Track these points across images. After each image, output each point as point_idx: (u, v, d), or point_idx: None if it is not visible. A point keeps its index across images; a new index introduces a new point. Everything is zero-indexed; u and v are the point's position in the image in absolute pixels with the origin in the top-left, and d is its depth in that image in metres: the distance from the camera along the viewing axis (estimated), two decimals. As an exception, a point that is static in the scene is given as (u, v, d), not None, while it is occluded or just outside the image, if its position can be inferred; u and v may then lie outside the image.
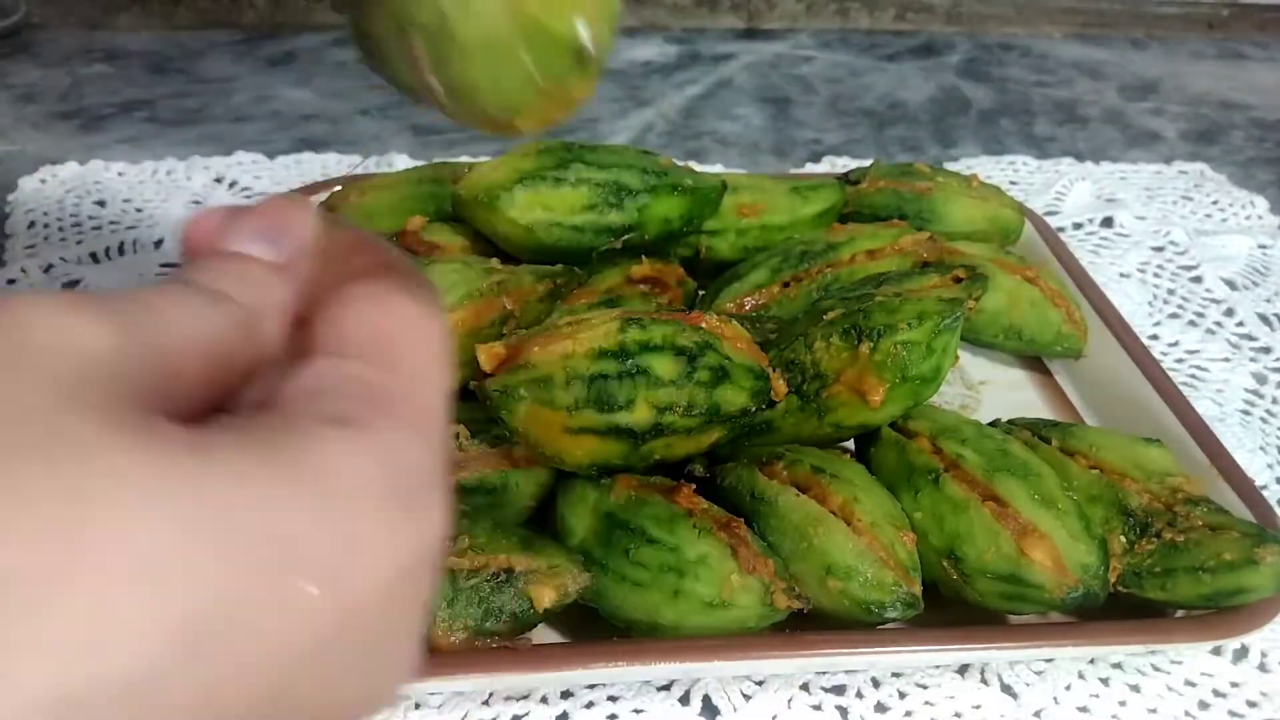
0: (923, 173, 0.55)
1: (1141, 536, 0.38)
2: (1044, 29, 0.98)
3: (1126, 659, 0.38)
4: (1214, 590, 0.36)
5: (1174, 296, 0.59)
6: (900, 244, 0.49)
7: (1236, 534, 0.37)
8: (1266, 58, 0.95)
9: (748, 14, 0.95)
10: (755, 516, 0.37)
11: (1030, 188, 0.70)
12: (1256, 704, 0.37)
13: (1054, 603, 0.36)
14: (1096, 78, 0.89)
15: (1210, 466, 0.42)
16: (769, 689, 0.36)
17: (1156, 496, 0.39)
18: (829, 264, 0.48)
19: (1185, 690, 0.37)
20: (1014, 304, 0.50)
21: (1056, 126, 0.80)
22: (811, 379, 0.40)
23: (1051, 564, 0.35)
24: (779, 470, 0.38)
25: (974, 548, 0.36)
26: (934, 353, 0.39)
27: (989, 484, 0.37)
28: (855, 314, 0.39)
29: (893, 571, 0.35)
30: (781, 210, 0.52)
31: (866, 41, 0.94)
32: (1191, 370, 0.54)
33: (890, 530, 0.36)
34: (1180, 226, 0.65)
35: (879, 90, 0.85)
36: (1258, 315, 0.58)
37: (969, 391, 0.51)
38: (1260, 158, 0.77)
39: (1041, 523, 0.36)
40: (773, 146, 0.75)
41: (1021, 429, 0.42)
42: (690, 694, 0.36)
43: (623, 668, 0.34)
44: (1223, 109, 0.84)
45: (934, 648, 0.35)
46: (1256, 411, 0.51)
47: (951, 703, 0.36)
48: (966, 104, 0.83)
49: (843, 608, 0.35)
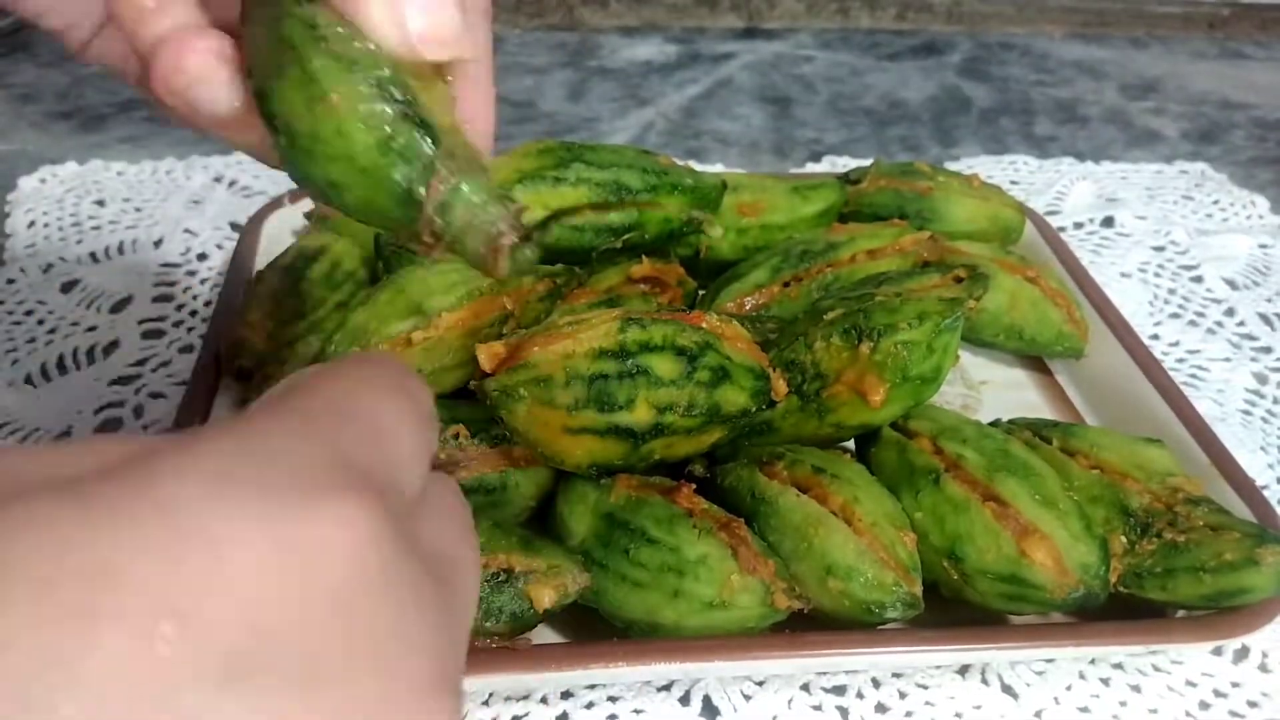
0: (923, 172, 0.55)
1: (1142, 537, 0.38)
2: (1044, 28, 0.98)
3: (1127, 659, 0.38)
4: (1215, 590, 0.36)
5: (1175, 296, 0.59)
6: (901, 244, 0.49)
7: (1237, 534, 0.36)
8: (1267, 57, 0.95)
9: (748, 13, 0.95)
10: (755, 517, 0.37)
11: (1031, 187, 0.70)
12: (1257, 704, 0.37)
13: (1055, 603, 0.36)
14: (1097, 77, 0.89)
15: (1211, 466, 0.42)
16: (769, 689, 0.36)
17: (1157, 497, 0.39)
18: (829, 264, 0.48)
19: (1186, 690, 0.37)
20: (1015, 304, 0.50)
21: (1057, 126, 0.80)
22: (812, 379, 0.40)
23: (1052, 564, 0.35)
24: (779, 470, 0.38)
25: (974, 548, 0.36)
26: (934, 352, 0.39)
27: (990, 484, 0.37)
28: (856, 314, 0.39)
29: (893, 572, 0.35)
30: (782, 210, 0.52)
31: (867, 41, 0.94)
32: (1192, 370, 0.54)
33: (891, 530, 0.36)
34: (1181, 226, 0.65)
35: (879, 90, 0.85)
36: (1258, 315, 0.58)
37: (970, 391, 0.51)
38: (1261, 157, 0.77)
39: (1042, 523, 0.36)
40: (773, 146, 0.75)
41: (1022, 429, 0.42)
42: (690, 694, 0.36)
43: (623, 668, 0.33)
44: (1223, 108, 0.84)
45: (934, 648, 0.35)
46: (1257, 411, 0.51)
47: (952, 703, 0.36)
48: (967, 103, 0.83)
49: (843, 608, 0.35)
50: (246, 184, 0.64)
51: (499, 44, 0.88)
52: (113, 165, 0.65)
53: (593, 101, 0.80)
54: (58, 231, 0.59)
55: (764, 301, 0.47)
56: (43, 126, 0.71)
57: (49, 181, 0.63)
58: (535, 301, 0.44)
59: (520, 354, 0.35)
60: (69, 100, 0.74)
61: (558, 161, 0.45)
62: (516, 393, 0.35)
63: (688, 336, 0.36)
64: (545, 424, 0.35)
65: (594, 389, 0.35)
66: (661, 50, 0.89)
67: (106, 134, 0.70)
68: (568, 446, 0.36)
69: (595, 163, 0.46)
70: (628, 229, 0.46)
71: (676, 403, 0.36)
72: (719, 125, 0.77)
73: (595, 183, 0.46)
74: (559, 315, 0.43)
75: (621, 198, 0.46)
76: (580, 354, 0.35)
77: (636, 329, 0.36)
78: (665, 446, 0.37)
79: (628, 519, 0.36)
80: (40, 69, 0.79)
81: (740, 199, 0.51)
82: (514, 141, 0.50)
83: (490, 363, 0.36)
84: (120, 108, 0.74)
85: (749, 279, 0.48)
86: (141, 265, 0.56)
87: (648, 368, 0.35)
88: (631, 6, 0.93)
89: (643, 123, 0.77)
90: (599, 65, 0.86)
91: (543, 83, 0.83)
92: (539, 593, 0.34)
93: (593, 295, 0.46)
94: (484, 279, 0.42)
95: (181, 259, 0.57)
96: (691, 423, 0.36)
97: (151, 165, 0.65)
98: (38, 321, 0.52)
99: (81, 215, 0.60)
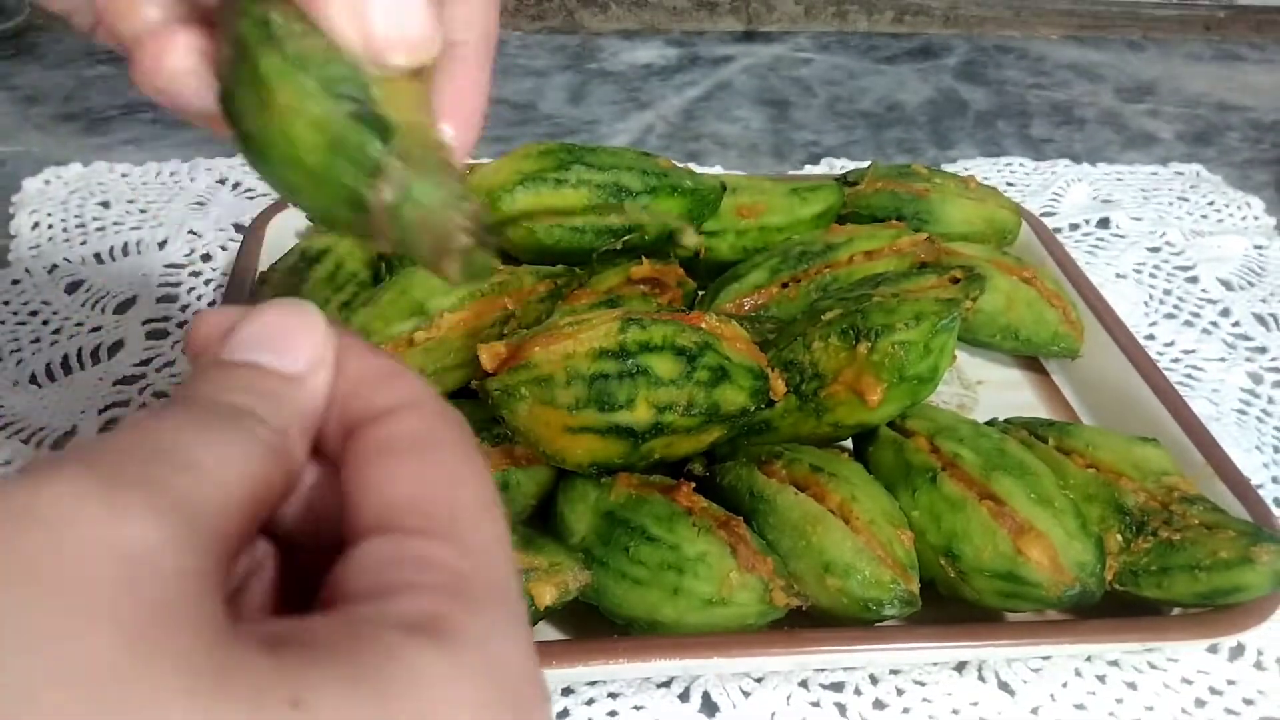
0: (920, 174, 0.55)
1: (1138, 535, 0.38)
2: (1041, 31, 0.98)
3: (1123, 656, 0.38)
4: (1210, 588, 0.36)
5: (1170, 297, 0.60)
6: (898, 245, 0.50)
7: (1232, 532, 0.37)
8: (1263, 59, 0.95)
9: (747, 17, 0.96)
10: (754, 515, 0.37)
11: (1027, 189, 0.70)
12: (1253, 701, 0.37)
13: (1051, 601, 0.36)
14: (1093, 79, 0.90)
15: (1206, 465, 0.42)
16: (768, 686, 0.36)
17: (1153, 495, 0.39)
18: (827, 264, 0.48)
19: (1181, 688, 0.38)
20: (1011, 304, 0.50)
21: (1053, 128, 0.81)
22: (810, 379, 0.40)
23: (1048, 562, 0.36)
24: (778, 469, 0.38)
25: (971, 546, 0.36)
26: (931, 352, 0.39)
27: (986, 483, 0.37)
28: (853, 314, 0.40)
29: (890, 569, 0.35)
30: (780, 211, 0.52)
31: (864, 44, 0.94)
32: (1187, 370, 0.54)
33: (888, 528, 0.36)
34: (1176, 227, 0.66)
35: (877, 92, 0.85)
36: (1253, 315, 0.58)
37: (966, 391, 0.51)
38: (1256, 159, 0.77)
39: (1038, 521, 0.36)
40: (771, 148, 0.75)
41: (1018, 428, 0.43)
42: (690, 691, 0.36)
43: (623, 665, 0.34)
44: (1219, 110, 0.85)
45: (931, 645, 0.35)
46: (1252, 411, 0.51)
47: (949, 700, 0.36)
48: (964, 106, 0.84)
49: (841, 605, 0.35)
50: (250, 186, 0.64)
51: (500, 46, 0.89)
52: (117, 167, 0.65)
53: (593, 104, 0.80)
54: (62, 233, 0.59)
55: (763, 302, 0.48)
56: (48, 128, 0.71)
57: (54, 183, 0.63)
58: (536, 302, 0.44)
59: (521, 354, 0.36)
60: (74, 102, 0.75)
61: (558, 163, 0.46)
62: (518, 392, 0.35)
63: (687, 336, 0.36)
64: (546, 423, 0.36)
65: (594, 388, 0.35)
66: (661, 53, 0.90)
67: (111, 136, 0.71)
68: (568, 446, 0.36)
69: (595, 165, 0.46)
70: (628, 230, 0.47)
71: (676, 402, 0.36)
72: (718, 128, 0.78)
73: (595, 184, 0.46)
74: (560, 315, 0.43)
75: (621, 199, 0.46)
76: (581, 354, 0.35)
77: (636, 329, 0.36)
78: (665, 446, 0.37)
79: (628, 517, 0.36)
80: (45, 71, 0.79)
81: (739, 201, 0.51)
82: (514, 143, 0.50)
83: (491, 363, 0.36)
84: (125, 110, 0.74)
85: (748, 280, 0.48)
86: (146, 266, 0.57)
87: (648, 368, 0.35)
88: (631, 10, 0.94)
89: (643, 125, 0.78)
90: (599, 68, 0.86)
91: (543, 85, 0.83)
92: (540, 590, 0.34)
93: (593, 296, 0.46)
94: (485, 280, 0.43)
95: (186, 260, 0.57)
96: (691, 422, 0.37)
97: (156, 167, 0.65)
98: (42, 322, 0.52)
99: (86, 216, 0.60)
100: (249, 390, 0.17)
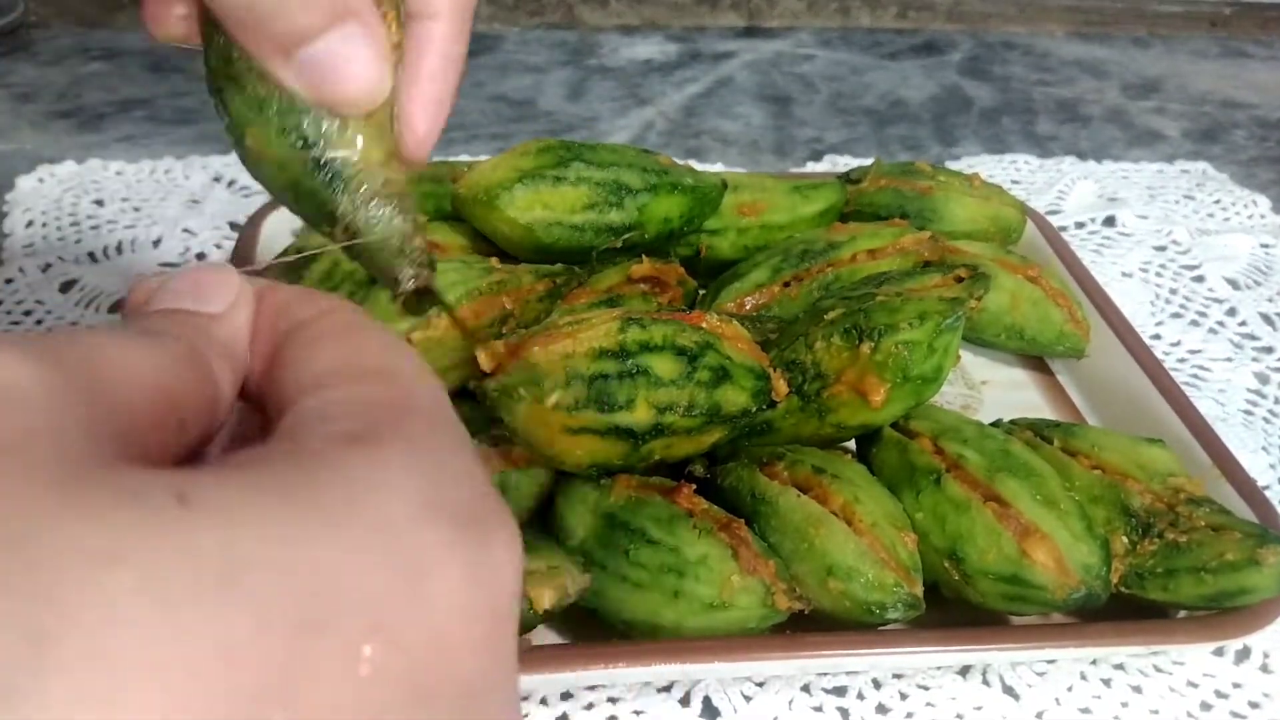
0: (924, 172, 0.55)
1: (1143, 537, 0.38)
2: (1046, 27, 0.98)
3: (1129, 660, 0.38)
4: (1216, 591, 0.36)
5: (1176, 296, 0.59)
6: (901, 243, 0.49)
7: (1239, 534, 0.36)
8: (1269, 56, 0.95)
9: (748, 12, 0.95)
10: (756, 517, 0.37)
11: (1032, 187, 0.69)
12: (1259, 705, 0.37)
13: (1056, 603, 0.36)
14: (1098, 76, 0.89)
15: (1212, 467, 0.42)
16: (770, 690, 0.36)
17: (1159, 497, 0.39)
18: (830, 263, 0.48)
19: (1187, 691, 0.37)
20: (1016, 303, 0.50)
21: (1058, 125, 0.80)
22: (812, 379, 0.39)
23: (1053, 564, 0.35)
24: (780, 471, 0.38)
25: (975, 548, 0.36)
26: (935, 352, 0.39)
27: (990, 484, 0.37)
28: (856, 313, 0.39)
29: (894, 572, 0.35)
30: (782, 209, 0.52)
31: (868, 40, 0.94)
32: (1194, 370, 0.54)
33: (891, 531, 0.36)
34: (1182, 226, 0.65)
35: (880, 89, 0.85)
36: (1260, 315, 0.58)
37: (970, 391, 0.51)
38: (1263, 157, 0.77)
39: (1043, 523, 0.36)
40: (773, 145, 0.75)
41: (1023, 429, 0.42)
42: (690, 695, 0.36)
43: (623, 669, 0.33)
44: (1225, 108, 0.84)
45: (935, 649, 0.35)
46: (1259, 411, 0.51)
47: (953, 704, 0.36)
48: (968, 103, 0.83)
49: (844, 608, 0.35)
50: (245, 183, 0.64)
51: (498, 43, 0.88)
52: (111, 165, 0.65)
53: (592, 100, 0.80)
54: (56, 231, 0.58)
55: (764, 301, 0.47)
56: (41, 126, 0.71)
57: (47, 181, 0.63)
58: (535, 301, 0.44)
59: (520, 354, 0.35)
60: (68, 100, 0.74)
61: (557, 160, 0.45)
62: (516, 392, 0.35)
63: (688, 336, 0.36)
64: (545, 424, 0.35)
65: (594, 389, 0.35)
66: (661, 49, 0.89)
67: (105, 133, 0.70)
68: (568, 446, 0.36)
69: (595, 162, 0.46)
70: (628, 229, 0.46)
71: (676, 403, 0.36)
72: (719, 124, 0.77)
73: (595, 182, 0.45)
74: (559, 315, 0.43)
75: (622, 197, 0.46)
76: (580, 354, 0.35)
77: (636, 329, 0.35)
78: (665, 447, 0.37)
79: (628, 519, 0.36)
80: (39, 68, 0.79)
81: (740, 198, 0.51)
82: (513, 141, 0.50)
83: (490, 363, 0.36)
84: (119, 107, 0.74)
85: (749, 279, 0.48)
86: (140, 265, 0.56)
87: (648, 368, 0.35)
88: (631, 5, 0.93)
89: (643, 122, 0.77)
90: (599, 64, 0.86)
91: (542, 81, 0.82)
92: (539, 593, 0.34)
93: (593, 295, 0.46)
94: (483, 279, 0.42)
95: (180, 258, 0.57)
96: (692, 423, 0.36)
97: (150, 165, 0.65)
98: (36, 321, 0.52)
99: (80, 215, 0.60)
100: (167, 320, 0.17)
